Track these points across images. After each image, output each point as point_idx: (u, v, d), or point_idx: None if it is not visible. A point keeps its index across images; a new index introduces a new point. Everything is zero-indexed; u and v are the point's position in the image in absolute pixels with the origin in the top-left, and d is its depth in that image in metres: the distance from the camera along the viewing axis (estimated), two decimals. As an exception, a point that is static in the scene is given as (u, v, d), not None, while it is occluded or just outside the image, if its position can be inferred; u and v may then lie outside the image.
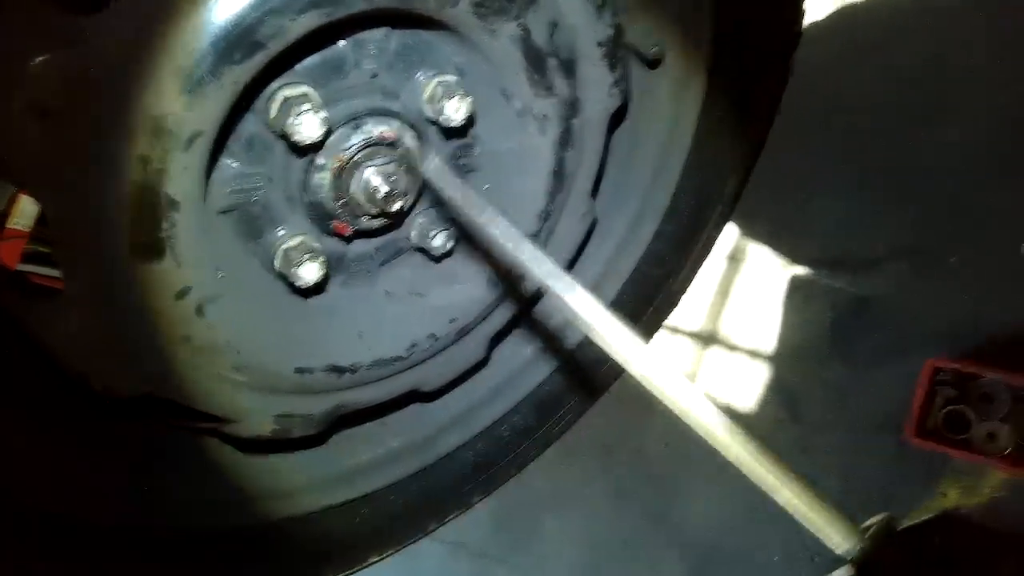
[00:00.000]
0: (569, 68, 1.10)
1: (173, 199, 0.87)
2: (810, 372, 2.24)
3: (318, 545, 1.38)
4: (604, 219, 1.40)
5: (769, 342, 2.29)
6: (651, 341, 1.58)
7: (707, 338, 2.33)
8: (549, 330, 1.50)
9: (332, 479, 1.38)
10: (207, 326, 0.99)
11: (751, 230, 2.38)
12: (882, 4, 2.58)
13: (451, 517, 1.54)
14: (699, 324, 2.34)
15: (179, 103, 0.82)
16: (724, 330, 2.33)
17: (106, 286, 0.89)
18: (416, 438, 1.45)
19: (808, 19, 1.29)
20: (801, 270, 2.34)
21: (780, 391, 2.24)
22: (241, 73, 0.84)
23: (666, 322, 1.68)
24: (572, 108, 1.15)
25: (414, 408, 1.42)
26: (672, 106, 1.36)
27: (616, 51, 1.14)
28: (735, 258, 2.38)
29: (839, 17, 2.54)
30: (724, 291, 2.36)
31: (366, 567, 1.44)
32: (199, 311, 0.98)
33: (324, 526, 1.38)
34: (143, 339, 0.96)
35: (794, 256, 2.35)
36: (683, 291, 1.59)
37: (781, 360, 2.27)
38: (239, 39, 0.81)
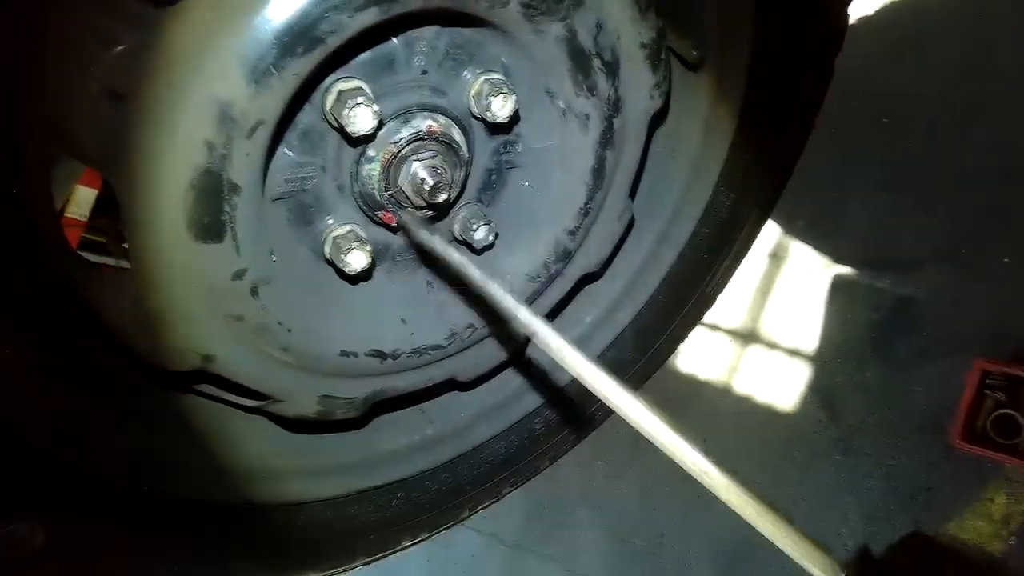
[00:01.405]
0: (612, 69, 1.13)
1: (235, 184, 0.92)
2: (851, 372, 2.22)
3: (350, 526, 1.42)
4: (641, 219, 1.42)
5: (810, 341, 2.28)
6: (687, 339, 1.59)
7: (747, 336, 2.33)
8: (584, 328, 1.54)
9: (370, 463, 1.43)
10: (260, 306, 1.04)
11: (791, 228, 2.37)
12: (921, 2, 2.55)
13: (483, 507, 1.58)
14: (739, 322, 2.33)
15: (244, 93, 0.87)
16: (765, 328, 2.32)
17: (167, 264, 0.95)
18: (451, 427, 1.49)
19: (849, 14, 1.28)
20: (843, 270, 2.32)
21: (820, 391, 2.24)
22: (301, 66, 0.89)
23: (706, 319, 1.68)
24: (614, 108, 1.18)
25: (450, 397, 1.45)
26: (711, 108, 1.38)
27: (659, 53, 1.17)
28: (777, 256, 2.37)
29: (875, 16, 2.52)
30: (765, 289, 2.36)
31: (399, 551, 1.49)
32: (253, 292, 1.03)
33: (358, 509, 1.42)
34: (198, 316, 1.01)
35: (836, 255, 2.34)
36: (719, 292, 1.61)
37: (822, 360, 2.26)
38: (301, 34, 0.86)
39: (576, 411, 1.59)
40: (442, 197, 1.11)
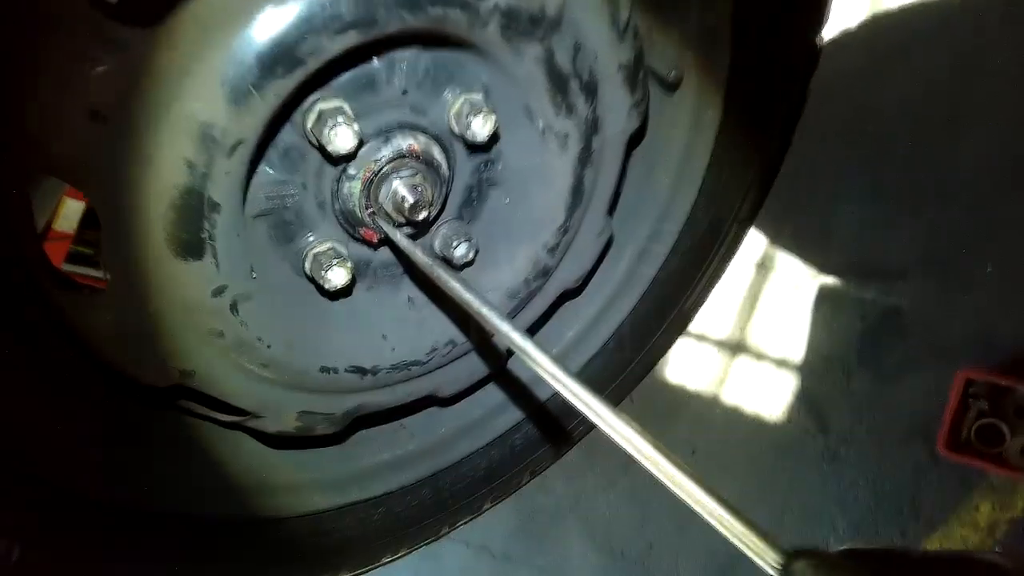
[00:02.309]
0: (590, 89, 1.15)
1: (215, 202, 0.93)
2: (838, 382, 2.24)
3: (331, 541, 1.42)
4: (620, 236, 1.44)
5: (797, 351, 2.30)
6: (666, 355, 1.60)
7: (735, 346, 2.34)
8: (565, 343, 1.55)
9: (349, 479, 1.43)
10: (239, 323, 1.05)
11: (778, 238, 2.38)
12: (907, 11, 2.56)
13: (463, 522, 1.58)
14: (727, 332, 2.35)
15: (224, 113, 0.88)
16: (752, 338, 2.34)
17: (147, 281, 0.96)
18: (433, 442, 1.50)
19: (833, 26, 1.28)
20: (830, 279, 2.34)
21: (807, 401, 2.26)
22: (282, 87, 0.90)
23: (694, 330, 1.70)
24: (592, 128, 1.20)
25: (431, 413, 1.46)
26: (689, 128, 1.40)
27: (636, 75, 1.19)
28: (764, 266, 2.39)
29: (863, 24, 2.53)
30: (752, 299, 2.38)
31: (379, 566, 1.49)
32: (233, 308, 1.03)
33: (339, 524, 1.42)
34: (177, 332, 1.02)
35: (822, 265, 2.35)
36: (697, 308, 1.63)
37: (809, 370, 2.28)
38: (281, 55, 0.88)
39: (556, 426, 1.60)
40: (423, 215, 1.12)
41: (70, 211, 2.48)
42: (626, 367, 1.56)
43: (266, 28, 0.86)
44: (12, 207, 0.92)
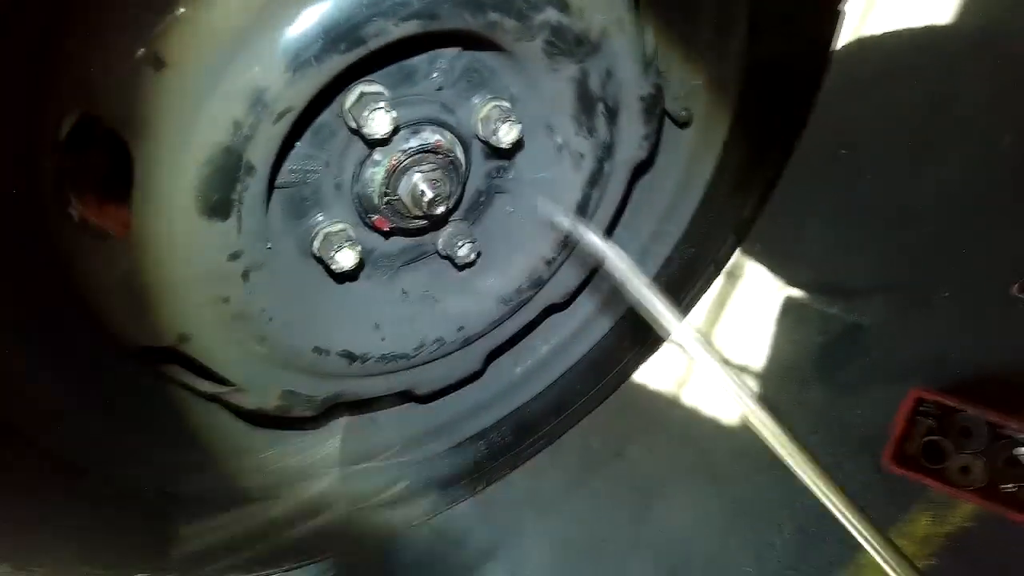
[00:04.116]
0: (612, 115, 1.21)
1: (252, 165, 0.93)
2: (795, 392, 2.33)
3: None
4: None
5: (758, 359, 2.38)
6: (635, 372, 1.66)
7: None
8: (542, 355, 1.59)
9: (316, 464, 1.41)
10: (248, 291, 1.04)
11: (748, 249, 2.46)
12: (888, 40, 2.67)
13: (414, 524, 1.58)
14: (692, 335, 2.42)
15: (280, 79, 0.88)
16: (716, 343, 2.41)
17: (168, 236, 0.94)
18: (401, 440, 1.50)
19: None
20: (795, 292, 2.43)
21: (764, 407, 2.32)
22: (340, 63, 0.92)
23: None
24: (607, 152, 1.25)
25: (403, 411, 1.46)
26: (689, 162, 1.48)
27: (654, 107, 1.25)
28: (733, 274, 2.47)
29: (846, 48, 2.62)
30: (719, 306, 2.45)
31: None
32: (245, 276, 1.02)
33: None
34: (186, 292, 1.00)
35: (789, 278, 2.44)
36: (663, 341, 1.69)
37: (768, 377, 2.36)
38: (347, 32, 0.89)
39: (519, 438, 1.63)
40: (439, 210, 1.14)
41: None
42: (597, 383, 1.62)
43: (337, 4, 0.88)
44: (43, 145, 0.89)
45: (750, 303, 2.43)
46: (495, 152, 1.21)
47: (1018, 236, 2.28)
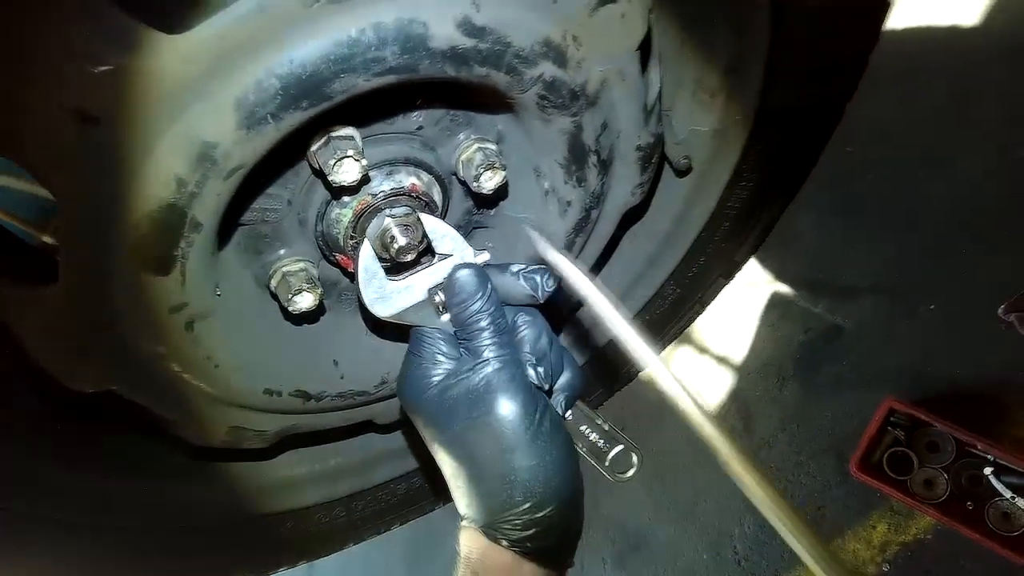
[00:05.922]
0: (605, 166, 1.11)
1: (197, 222, 0.84)
2: (770, 388, 2.29)
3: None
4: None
5: (738, 352, 2.33)
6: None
7: (679, 337, 2.37)
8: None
9: (266, 489, 1.36)
10: (192, 340, 0.96)
11: None
12: (907, 39, 2.54)
13: (368, 537, 1.55)
14: (674, 322, 2.37)
15: (231, 136, 0.78)
16: (697, 332, 2.35)
17: (102, 289, 0.85)
18: (356, 462, 1.44)
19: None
20: (782, 288, 2.37)
21: (739, 401, 2.29)
22: (300, 117, 0.82)
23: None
24: (596, 200, 1.16)
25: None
26: (684, 208, 1.39)
27: (652, 156, 1.16)
28: None
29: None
30: None
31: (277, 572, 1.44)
32: (188, 326, 0.94)
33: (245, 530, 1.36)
34: (122, 342, 0.92)
35: (777, 273, 2.37)
36: (636, 374, 1.64)
37: (746, 372, 2.31)
38: (310, 90, 0.79)
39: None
40: (408, 257, 1.05)
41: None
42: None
43: (300, 59, 0.77)
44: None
45: (735, 295, 2.34)
46: (478, 196, 1.12)
47: (1015, 257, 2.20)
